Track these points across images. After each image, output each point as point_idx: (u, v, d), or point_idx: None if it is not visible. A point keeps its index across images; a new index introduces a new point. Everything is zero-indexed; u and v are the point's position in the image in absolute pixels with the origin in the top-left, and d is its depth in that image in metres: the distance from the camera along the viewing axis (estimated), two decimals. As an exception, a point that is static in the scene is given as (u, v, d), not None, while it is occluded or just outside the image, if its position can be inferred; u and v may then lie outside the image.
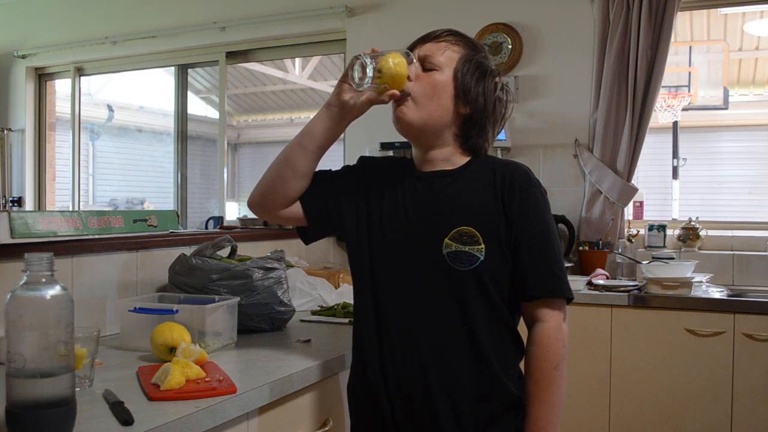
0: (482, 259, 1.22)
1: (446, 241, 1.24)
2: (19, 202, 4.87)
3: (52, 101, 5.10)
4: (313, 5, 3.88)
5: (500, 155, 3.28)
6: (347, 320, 1.98)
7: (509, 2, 3.47)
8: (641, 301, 2.65)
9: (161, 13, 4.40)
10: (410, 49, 1.33)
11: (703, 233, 3.17)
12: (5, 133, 4.91)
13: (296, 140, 1.36)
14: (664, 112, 3.64)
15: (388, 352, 1.29)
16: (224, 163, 4.38)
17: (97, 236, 1.78)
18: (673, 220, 3.51)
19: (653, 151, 3.77)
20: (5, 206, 4.83)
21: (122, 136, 7.09)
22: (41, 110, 5.02)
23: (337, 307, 2.11)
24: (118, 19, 4.54)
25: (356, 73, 1.25)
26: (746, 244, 3.13)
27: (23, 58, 4.89)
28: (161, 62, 4.77)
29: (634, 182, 3.20)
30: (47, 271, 0.96)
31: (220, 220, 3.69)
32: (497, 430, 1.25)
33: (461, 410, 1.24)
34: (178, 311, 1.57)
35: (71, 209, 4.56)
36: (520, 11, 3.44)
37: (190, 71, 4.93)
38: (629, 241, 3.19)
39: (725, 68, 4.19)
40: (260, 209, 1.42)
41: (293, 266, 2.45)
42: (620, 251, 3.14)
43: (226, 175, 4.37)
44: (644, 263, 2.83)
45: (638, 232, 3.26)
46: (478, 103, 1.30)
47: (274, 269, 1.85)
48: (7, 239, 1.54)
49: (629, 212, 3.35)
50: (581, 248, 3.18)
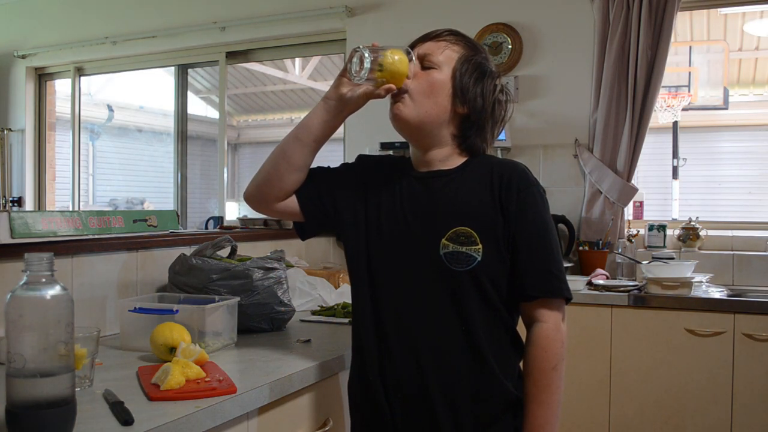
0: (479, 259, 1.22)
1: (443, 241, 1.24)
2: (19, 202, 4.87)
3: (52, 101, 5.09)
4: (313, 5, 3.88)
5: (500, 155, 3.28)
6: (347, 320, 1.98)
7: (509, 2, 3.47)
8: (641, 301, 2.65)
9: (161, 13, 4.40)
10: (411, 47, 1.33)
11: (703, 233, 3.17)
12: (5, 133, 4.91)
13: (293, 133, 1.36)
14: (664, 112, 3.64)
15: (386, 352, 1.29)
16: (224, 163, 4.38)
17: (97, 236, 1.78)
18: (673, 220, 3.51)
19: (653, 151, 3.77)
20: (5, 206, 4.83)
21: (122, 136, 7.09)
22: (41, 110, 5.02)
23: (337, 307, 2.11)
24: (118, 19, 4.54)
25: (354, 65, 1.25)
26: (746, 244, 3.13)
27: (23, 58, 4.89)
28: (161, 62, 4.77)
29: (634, 182, 3.20)
30: (47, 271, 0.96)
31: (220, 220, 3.69)
32: (496, 430, 1.25)
33: (460, 410, 1.24)
34: (178, 311, 1.57)
35: (71, 209, 4.56)
36: (520, 11, 3.44)
37: (190, 71, 4.93)
38: (629, 241, 3.19)
39: (725, 68, 4.19)
40: (256, 202, 1.42)
41: (293, 266, 2.45)
42: (620, 251, 3.14)
43: (226, 175, 4.37)
44: (644, 263, 2.83)
45: (638, 232, 3.26)
46: (476, 103, 1.29)
47: (274, 269, 1.85)
48: (7, 239, 1.54)
49: (629, 212, 3.35)
50: (581, 248, 3.18)
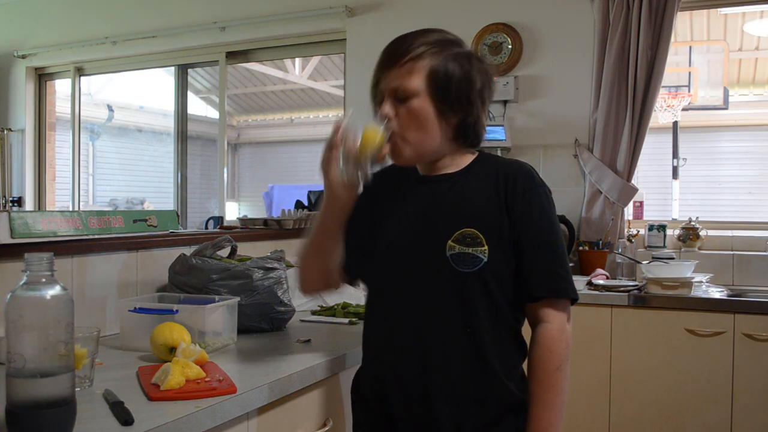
0: (485, 260, 1.22)
1: (450, 243, 1.23)
2: (19, 202, 4.87)
3: (52, 101, 5.09)
4: (313, 5, 3.88)
5: (500, 155, 3.28)
6: (347, 320, 1.99)
7: (509, 2, 3.47)
8: (641, 301, 2.65)
9: (161, 13, 4.40)
10: (375, 78, 1.28)
11: (703, 233, 3.17)
12: (5, 133, 4.91)
13: (316, 239, 1.35)
14: (664, 112, 3.63)
15: (391, 351, 1.29)
16: (224, 163, 4.38)
17: (97, 236, 1.78)
18: (673, 220, 3.51)
19: (653, 151, 3.77)
20: (5, 206, 4.83)
21: (122, 136, 7.09)
22: (41, 110, 5.01)
23: (337, 307, 2.11)
24: (118, 19, 4.54)
25: (339, 165, 1.21)
26: (746, 244, 3.13)
27: (23, 58, 4.89)
28: (161, 62, 4.77)
29: (634, 182, 3.20)
30: (47, 271, 0.96)
31: (220, 220, 3.69)
32: (498, 431, 1.25)
33: (462, 411, 1.24)
34: (178, 311, 1.57)
35: (71, 209, 4.56)
36: (520, 11, 3.44)
37: (190, 71, 4.94)
38: (629, 241, 3.19)
39: (725, 68, 4.19)
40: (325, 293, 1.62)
41: (293, 266, 2.45)
42: (620, 251, 3.14)
43: (226, 175, 4.37)
44: (644, 263, 2.83)
45: (638, 232, 3.26)
46: (462, 106, 1.26)
47: (274, 269, 1.85)
48: (7, 239, 1.53)
49: (629, 212, 3.35)
50: (581, 248, 3.18)
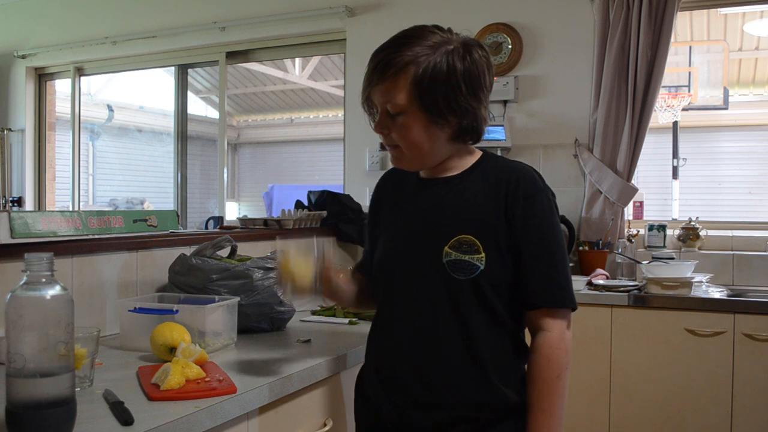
0: (482, 268, 1.20)
1: (446, 249, 1.22)
2: (19, 202, 4.87)
3: (52, 101, 5.09)
4: (313, 5, 3.88)
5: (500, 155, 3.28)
6: (347, 320, 1.99)
7: (509, 2, 3.47)
8: (641, 301, 2.65)
9: (161, 13, 4.40)
10: (364, 93, 1.27)
11: (703, 233, 3.17)
12: (5, 133, 4.91)
13: None
14: (664, 112, 3.64)
15: (389, 356, 1.30)
16: (224, 163, 4.38)
17: (97, 236, 1.78)
18: (673, 220, 3.51)
19: (653, 151, 3.77)
20: (5, 206, 4.83)
21: (122, 136, 7.10)
22: (41, 110, 5.01)
23: (337, 307, 2.11)
24: (118, 19, 4.54)
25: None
26: (746, 244, 3.12)
27: (23, 58, 4.89)
28: (161, 62, 4.77)
29: (634, 182, 3.20)
30: (47, 271, 0.96)
31: (220, 220, 3.68)
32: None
33: (458, 416, 1.23)
34: (178, 311, 1.57)
35: (71, 209, 4.56)
36: (520, 11, 3.44)
37: (190, 71, 4.93)
38: (629, 241, 3.19)
39: (725, 68, 4.19)
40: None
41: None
42: (620, 251, 3.14)
43: (226, 175, 4.37)
44: (644, 263, 2.83)
45: (638, 232, 3.26)
46: (454, 111, 1.22)
47: (274, 269, 1.84)
48: (7, 239, 1.53)
49: (629, 212, 3.35)
50: (581, 248, 3.18)
